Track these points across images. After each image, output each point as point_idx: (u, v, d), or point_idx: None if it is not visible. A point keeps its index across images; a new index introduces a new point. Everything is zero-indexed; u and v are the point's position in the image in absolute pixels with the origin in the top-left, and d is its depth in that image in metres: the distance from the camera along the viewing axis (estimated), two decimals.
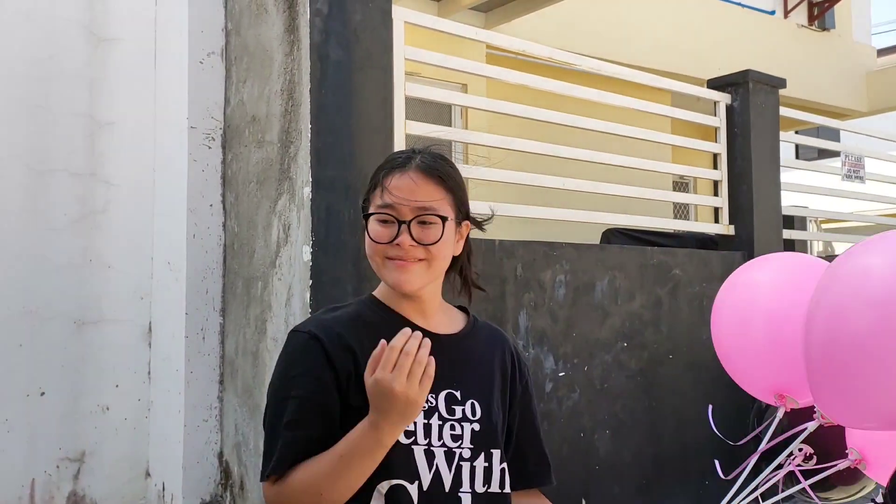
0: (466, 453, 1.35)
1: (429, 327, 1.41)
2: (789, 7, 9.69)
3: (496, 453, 1.39)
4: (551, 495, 1.61)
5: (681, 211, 8.58)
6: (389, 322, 1.38)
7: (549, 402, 3.69)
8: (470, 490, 1.35)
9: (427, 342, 1.20)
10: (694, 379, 4.35)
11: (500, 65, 4.56)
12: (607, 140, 4.35)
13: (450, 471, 1.34)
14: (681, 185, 8.71)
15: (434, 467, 1.33)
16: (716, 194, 4.92)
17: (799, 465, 2.02)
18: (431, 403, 1.35)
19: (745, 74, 4.82)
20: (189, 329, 3.52)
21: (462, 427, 1.35)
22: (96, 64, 3.80)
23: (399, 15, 3.32)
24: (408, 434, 1.31)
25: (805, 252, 8.47)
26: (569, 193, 4.16)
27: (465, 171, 4.17)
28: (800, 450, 2.01)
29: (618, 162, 4.30)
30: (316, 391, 1.30)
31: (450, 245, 1.38)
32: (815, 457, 1.99)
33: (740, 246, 4.74)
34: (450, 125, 6.05)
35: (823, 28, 9.95)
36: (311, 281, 2.98)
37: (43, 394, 3.56)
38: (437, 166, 1.39)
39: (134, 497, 3.76)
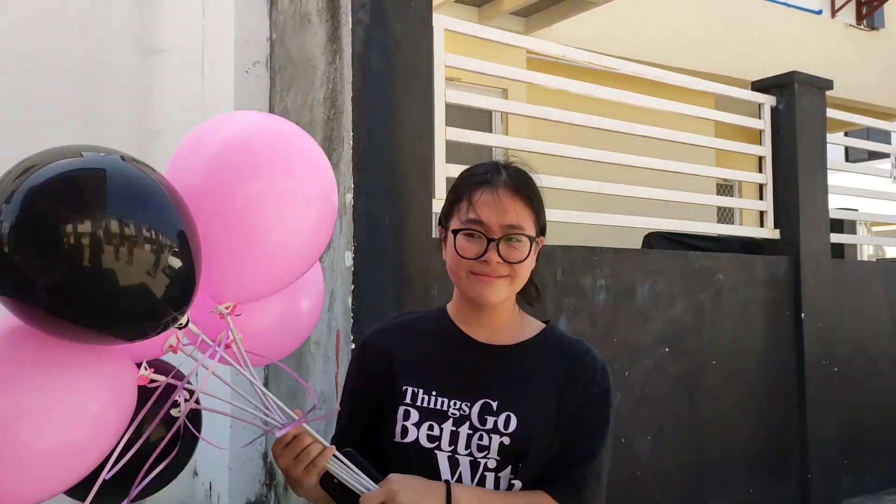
0: (492, 464, 1.35)
1: (480, 338, 1.44)
2: (837, 6, 9.50)
3: (525, 467, 1.36)
4: None
5: (725, 215, 8.46)
6: (440, 332, 1.47)
7: None
8: None
9: (328, 450, 1.30)
10: (737, 385, 4.30)
11: (540, 69, 4.56)
12: (650, 144, 4.32)
13: (472, 480, 1.36)
14: (725, 188, 8.60)
15: (458, 475, 1.36)
16: (761, 198, 4.85)
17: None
18: (464, 412, 1.37)
19: (791, 76, 4.74)
20: None
21: (490, 438, 1.35)
22: (146, 74, 3.92)
23: (439, 23, 3.36)
24: (431, 439, 1.37)
25: (855, 256, 8.27)
26: (610, 198, 4.15)
27: None
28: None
29: (661, 166, 4.27)
30: (353, 390, 1.50)
31: (531, 262, 1.42)
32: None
33: (786, 250, 4.67)
34: (490, 131, 6.07)
35: (872, 27, 9.73)
36: (352, 286, 3.03)
37: None
38: (525, 184, 1.41)
39: (182, 496, 3.85)
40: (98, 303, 1.04)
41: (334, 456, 1.29)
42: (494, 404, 1.37)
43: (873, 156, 10.53)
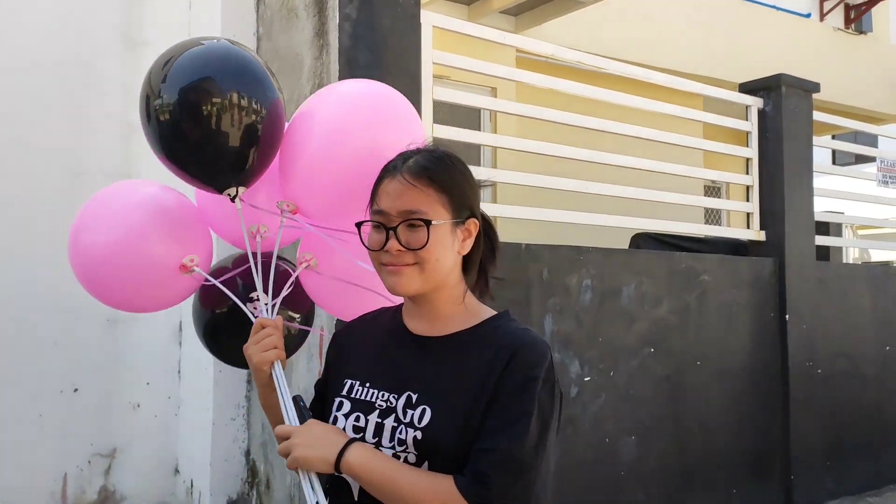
0: (412, 458, 1.30)
1: (417, 330, 1.42)
2: (825, 10, 9.54)
3: (439, 463, 1.29)
4: (572, 501, 1.56)
5: (712, 216, 8.48)
6: (389, 326, 1.48)
7: (573, 406, 3.68)
8: None
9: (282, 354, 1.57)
10: (722, 386, 4.31)
11: (529, 68, 4.55)
12: (638, 144, 4.32)
13: None
14: (713, 189, 8.62)
15: None
16: (747, 199, 4.86)
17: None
18: (391, 404, 1.34)
19: (778, 78, 4.76)
20: None
21: (407, 432, 1.30)
22: (131, 68, 3.87)
23: (427, 19, 3.34)
24: (357, 430, 1.35)
25: (840, 259, 8.31)
26: (598, 197, 4.14)
27: (493, 174, 4.17)
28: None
29: (648, 166, 4.27)
30: (318, 380, 1.59)
31: (444, 247, 1.34)
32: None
33: (771, 252, 4.68)
34: (479, 129, 6.05)
35: (860, 31, 9.77)
36: None
37: (76, 390, 3.63)
38: (428, 167, 1.34)
39: (163, 493, 3.82)
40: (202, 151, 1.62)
41: (293, 399, 1.50)
42: (415, 397, 1.33)
43: (860, 159, 10.59)
